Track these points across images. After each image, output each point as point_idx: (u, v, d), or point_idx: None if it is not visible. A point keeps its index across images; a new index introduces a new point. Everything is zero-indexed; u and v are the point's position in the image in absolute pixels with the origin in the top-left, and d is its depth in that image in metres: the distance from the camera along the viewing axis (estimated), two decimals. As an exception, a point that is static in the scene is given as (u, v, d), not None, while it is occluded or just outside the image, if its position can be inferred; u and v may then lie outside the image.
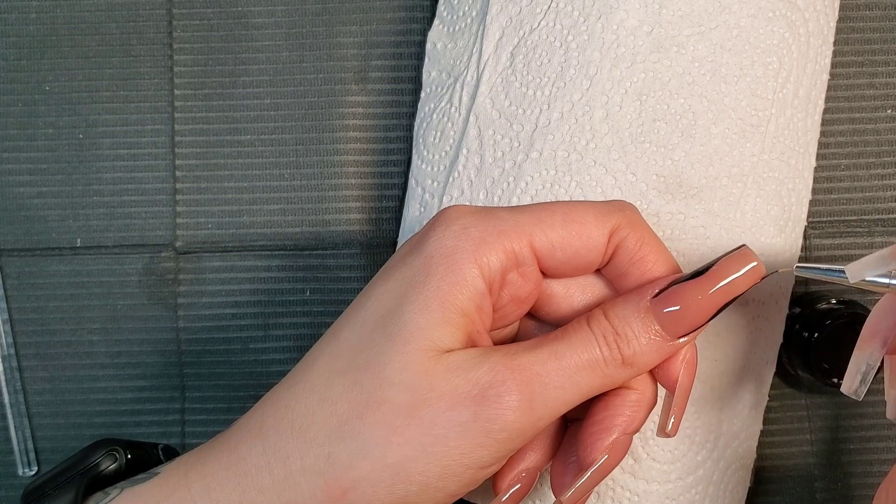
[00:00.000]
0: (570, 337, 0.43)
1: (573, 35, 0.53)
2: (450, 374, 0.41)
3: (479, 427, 0.41)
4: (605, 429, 0.45)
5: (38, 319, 0.65)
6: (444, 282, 0.42)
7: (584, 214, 0.44)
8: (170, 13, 0.66)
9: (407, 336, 0.41)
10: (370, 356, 0.42)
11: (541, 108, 0.53)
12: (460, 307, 0.42)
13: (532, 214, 0.44)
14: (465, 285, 0.42)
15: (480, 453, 0.41)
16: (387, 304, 0.43)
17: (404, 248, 0.45)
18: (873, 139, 0.63)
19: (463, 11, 0.58)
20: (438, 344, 0.41)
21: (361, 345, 0.42)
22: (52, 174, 0.65)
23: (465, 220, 0.43)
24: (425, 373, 0.41)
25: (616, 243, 0.44)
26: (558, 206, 0.44)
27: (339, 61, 0.65)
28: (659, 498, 0.53)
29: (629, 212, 0.45)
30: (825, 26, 0.56)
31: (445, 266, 0.42)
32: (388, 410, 0.41)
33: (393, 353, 0.41)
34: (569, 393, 0.42)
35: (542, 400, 0.41)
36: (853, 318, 0.58)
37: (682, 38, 0.52)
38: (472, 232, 0.42)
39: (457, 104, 0.56)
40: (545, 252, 0.43)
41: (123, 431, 0.65)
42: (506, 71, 0.54)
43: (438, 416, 0.41)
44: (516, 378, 0.41)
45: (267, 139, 0.65)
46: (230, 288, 0.65)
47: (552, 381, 0.42)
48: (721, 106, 0.52)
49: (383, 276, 0.44)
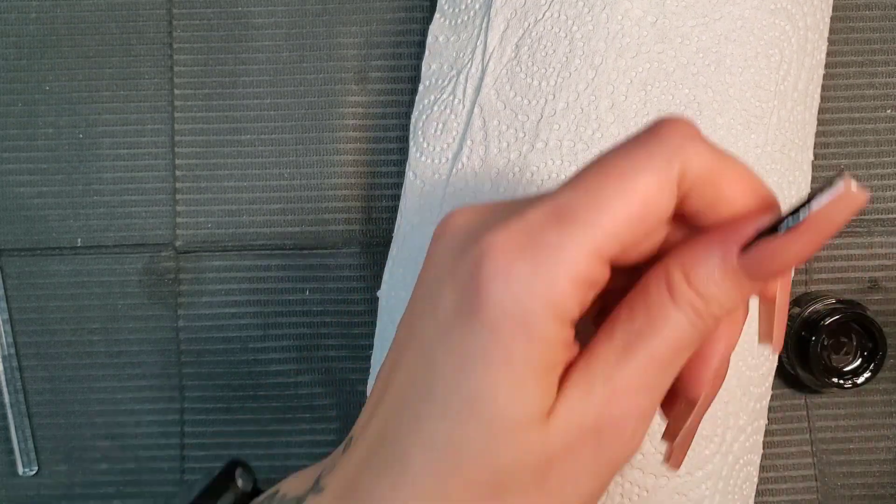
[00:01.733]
0: (657, 325, 0.38)
1: (578, 25, 0.53)
2: (564, 437, 0.37)
3: (603, 464, 0.38)
4: (702, 361, 0.41)
5: (39, 319, 0.65)
6: (530, 354, 0.36)
7: (646, 184, 0.36)
8: (170, 13, 0.66)
9: (511, 424, 0.37)
10: (478, 452, 0.37)
11: (546, 99, 0.53)
12: (553, 365, 0.37)
13: (586, 223, 0.36)
14: (551, 345, 0.36)
15: (611, 475, 0.39)
16: (469, 387, 0.37)
17: (450, 305, 0.37)
18: (873, 139, 0.64)
19: (466, 4, 0.58)
20: (544, 411, 0.37)
21: (460, 438, 0.37)
22: (53, 174, 0.65)
23: (519, 269, 0.36)
24: (541, 448, 0.37)
25: (685, 192, 0.37)
26: (612, 188, 0.36)
27: (339, 61, 0.65)
28: (669, 493, 0.53)
29: (691, 144, 0.37)
30: (821, 21, 0.57)
31: (524, 336, 0.36)
32: (515, 493, 0.38)
33: (502, 443, 0.37)
34: (670, 378, 0.39)
35: (650, 406, 0.39)
36: (852, 318, 0.58)
37: (686, 29, 0.52)
38: (537, 287, 0.36)
39: (460, 96, 0.56)
40: (614, 254, 0.37)
41: (123, 431, 0.65)
42: (511, 62, 0.54)
43: (565, 475, 0.38)
44: (623, 408, 0.38)
45: (267, 139, 0.65)
46: (230, 287, 0.65)
47: (656, 384, 0.38)
48: (725, 97, 0.52)
49: (444, 351, 0.37)
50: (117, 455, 0.65)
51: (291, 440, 0.65)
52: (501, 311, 0.36)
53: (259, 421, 0.65)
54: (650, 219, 0.36)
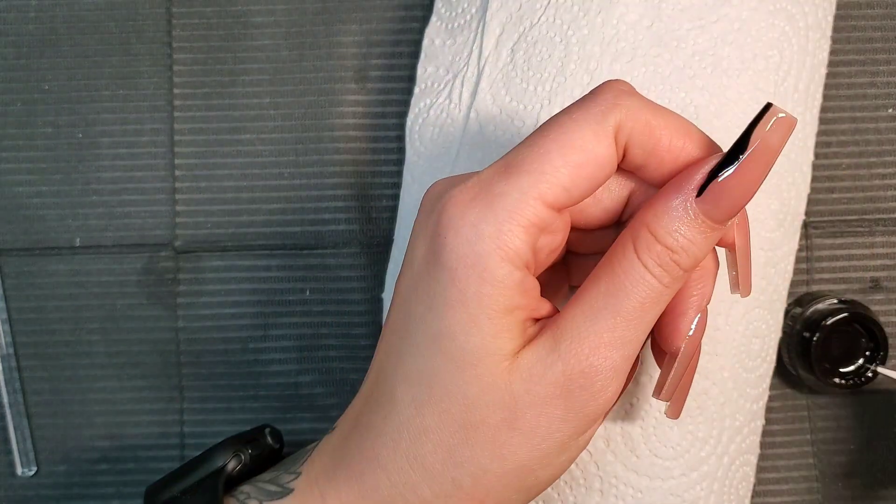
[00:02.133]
0: (623, 282, 0.41)
1: (573, 30, 0.52)
2: (529, 385, 0.41)
3: (576, 416, 0.41)
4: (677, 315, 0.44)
5: (37, 319, 0.65)
6: (483, 293, 0.40)
7: (581, 134, 0.40)
8: (169, 12, 0.66)
9: (472, 359, 0.41)
10: (446, 384, 0.41)
11: (542, 104, 0.53)
12: (508, 307, 0.41)
13: (530, 170, 0.40)
14: (504, 286, 0.40)
15: (587, 425, 0.42)
16: (435, 326, 0.41)
17: (421, 253, 0.42)
18: (874, 138, 0.63)
19: (462, 8, 0.58)
20: (504, 354, 0.41)
21: (431, 371, 0.42)
22: (51, 173, 0.65)
23: (470, 214, 0.40)
24: (506, 389, 0.41)
25: (624, 143, 0.41)
26: (552, 140, 0.41)
27: (339, 60, 0.65)
28: (663, 494, 0.53)
29: (625, 99, 0.41)
30: (823, 20, 0.56)
31: (476, 277, 0.40)
32: (487, 430, 0.41)
33: (467, 377, 0.41)
34: (644, 334, 0.42)
35: (623, 363, 0.41)
36: (853, 317, 0.58)
37: (682, 32, 0.52)
38: (486, 229, 0.40)
39: (456, 100, 0.56)
40: (561, 200, 0.40)
41: (122, 431, 0.65)
42: (506, 67, 0.54)
43: (535, 420, 0.41)
44: (592, 362, 0.41)
45: (266, 138, 0.65)
46: (229, 287, 0.65)
47: (626, 340, 0.41)
48: (723, 99, 0.52)
49: (412, 290, 0.43)
50: (117, 455, 0.65)
51: (292, 440, 0.65)
52: (456, 256, 0.40)
53: (259, 421, 0.65)
54: (590, 166, 0.40)
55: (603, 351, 0.40)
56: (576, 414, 0.41)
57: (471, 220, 0.40)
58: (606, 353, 0.41)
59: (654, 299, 0.41)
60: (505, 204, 0.40)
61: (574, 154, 0.40)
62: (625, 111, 0.41)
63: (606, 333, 0.41)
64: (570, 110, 0.42)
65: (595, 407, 0.41)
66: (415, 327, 0.42)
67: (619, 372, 0.41)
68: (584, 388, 0.41)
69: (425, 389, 0.42)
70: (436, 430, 0.42)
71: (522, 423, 0.41)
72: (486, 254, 0.40)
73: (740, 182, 0.39)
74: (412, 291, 0.43)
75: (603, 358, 0.40)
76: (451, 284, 0.41)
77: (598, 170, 0.41)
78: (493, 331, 0.40)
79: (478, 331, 0.40)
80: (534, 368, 0.41)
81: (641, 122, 0.41)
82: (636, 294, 0.41)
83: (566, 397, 0.41)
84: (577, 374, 0.40)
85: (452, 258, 0.40)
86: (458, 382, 0.41)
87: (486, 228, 0.40)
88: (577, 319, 0.41)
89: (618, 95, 0.41)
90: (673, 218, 0.40)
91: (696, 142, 0.41)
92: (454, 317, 0.41)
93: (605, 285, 0.41)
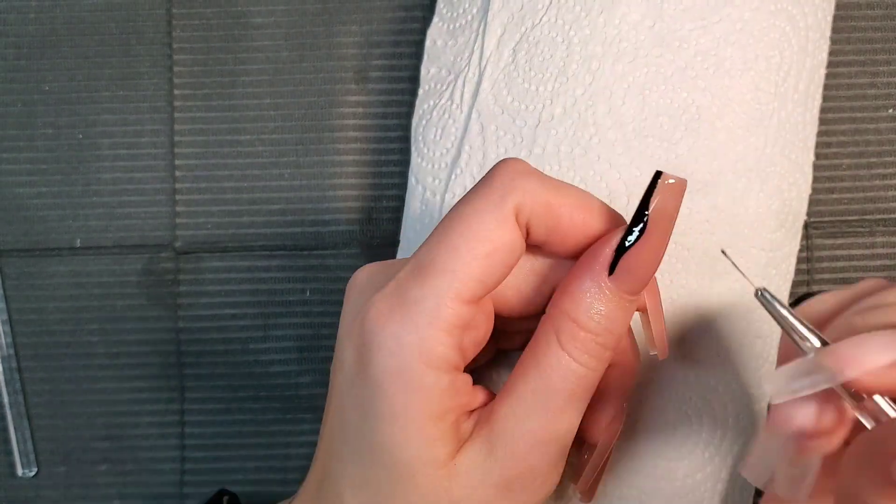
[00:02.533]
0: (549, 376, 0.41)
1: (575, 30, 0.52)
2: (469, 490, 0.41)
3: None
4: (599, 409, 0.46)
5: (38, 320, 0.65)
6: (410, 404, 0.40)
7: (484, 224, 0.40)
8: (169, 13, 0.66)
9: (409, 470, 0.41)
10: (389, 493, 0.41)
11: (543, 104, 0.53)
12: (439, 412, 0.41)
13: (442, 270, 0.40)
14: (432, 393, 0.40)
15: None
16: (369, 437, 0.41)
17: (349, 364, 0.42)
18: (875, 139, 0.63)
19: (463, 8, 0.58)
20: (439, 460, 0.41)
21: (374, 481, 0.42)
22: (52, 174, 0.65)
23: (391, 327, 0.40)
24: (446, 495, 0.41)
25: (525, 223, 0.41)
26: (458, 235, 0.41)
27: (339, 61, 0.65)
28: (667, 496, 0.53)
29: (521, 180, 0.41)
30: (822, 21, 0.56)
31: (402, 387, 0.40)
32: None
33: (407, 487, 0.41)
34: (577, 421, 0.42)
35: (558, 453, 0.42)
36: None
37: (684, 32, 0.52)
38: (407, 338, 0.40)
39: (458, 101, 0.56)
40: (477, 293, 0.41)
41: (123, 432, 0.65)
42: (508, 67, 0.54)
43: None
44: (530, 462, 0.41)
45: (266, 139, 0.65)
46: (230, 288, 0.65)
47: (561, 432, 0.41)
48: (725, 100, 0.52)
49: (345, 398, 0.43)
50: (117, 456, 0.65)
51: (292, 441, 0.65)
52: (381, 369, 0.40)
53: (259, 422, 0.65)
54: (498, 253, 0.40)
55: (540, 449, 0.41)
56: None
57: (392, 332, 0.40)
58: (543, 450, 0.41)
59: (583, 387, 0.41)
60: (423, 310, 0.40)
61: (481, 246, 0.40)
62: (521, 193, 0.41)
63: (541, 432, 0.41)
64: (470, 199, 0.42)
65: (538, 499, 0.42)
66: (352, 435, 0.42)
67: (557, 466, 0.42)
68: (524, 487, 0.41)
69: (371, 498, 0.42)
70: None
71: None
72: (410, 364, 0.40)
73: (647, 251, 0.40)
74: (346, 396, 0.43)
75: (540, 455, 0.41)
76: (380, 398, 0.40)
77: (507, 255, 0.41)
78: (426, 440, 0.40)
79: (410, 442, 0.40)
80: (472, 473, 0.41)
81: (541, 203, 0.41)
82: (565, 387, 0.41)
83: (507, 498, 0.41)
84: (515, 476, 0.41)
85: (378, 371, 0.40)
86: (399, 492, 0.41)
87: (406, 338, 0.40)
88: (510, 421, 0.41)
89: (514, 178, 0.41)
90: (591, 301, 0.40)
91: (596, 215, 0.42)
92: (386, 430, 0.41)
93: (534, 382, 0.41)
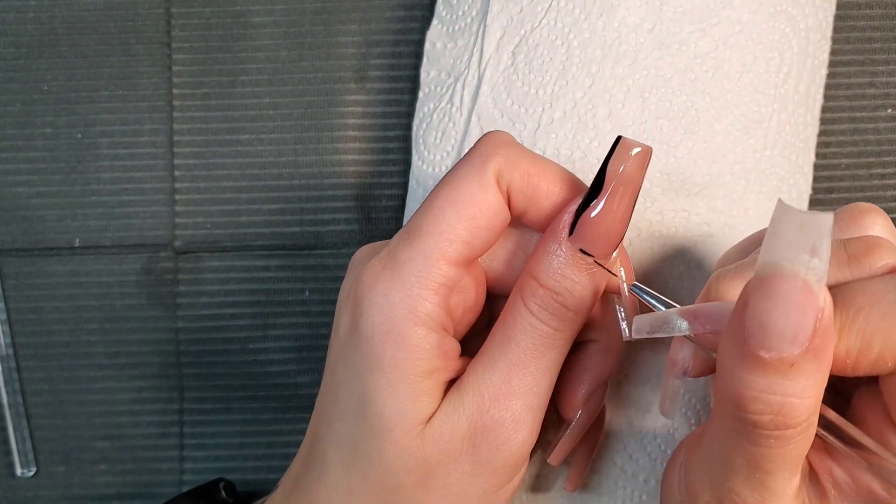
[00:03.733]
0: (514, 332, 0.43)
1: (575, 33, 0.52)
2: (439, 445, 0.42)
3: (484, 470, 0.43)
4: (575, 385, 0.47)
5: (37, 320, 0.65)
6: (398, 359, 0.42)
7: (469, 188, 0.43)
8: (168, 12, 0.66)
9: (388, 424, 0.42)
10: (367, 449, 0.43)
11: (543, 107, 0.53)
12: (424, 371, 0.42)
13: (429, 232, 0.43)
14: (418, 350, 0.42)
15: (499, 479, 0.43)
16: (357, 390, 0.43)
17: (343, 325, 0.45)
18: (874, 139, 0.63)
19: (463, 11, 0.58)
20: (418, 418, 0.42)
21: (354, 436, 0.44)
22: (51, 174, 0.65)
23: (381, 284, 0.43)
24: (418, 452, 0.42)
25: (506, 189, 0.43)
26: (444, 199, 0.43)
27: (338, 60, 0.65)
28: None
29: (503, 149, 0.44)
30: (823, 21, 0.56)
31: (391, 343, 0.42)
32: (404, 492, 0.43)
33: (383, 442, 0.42)
34: (545, 381, 0.43)
35: (525, 411, 0.42)
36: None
37: (683, 35, 0.52)
38: (395, 296, 0.42)
39: (458, 104, 0.56)
40: (464, 254, 0.43)
41: (122, 432, 0.65)
42: (507, 70, 0.54)
43: (446, 479, 0.43)
44: (493, 415, 0.42)
45: (266, 138, 0.65)
46: (229, 288, 0.65)
47: (524, 388, 0.42)
48: (724, 102, 0.52)
49: (339, 359, 0.45)
50: (116, 456, 0.65)
51: (291, 440, 0.65)
52: (371, 324, 0.42)
53: (259, 421, 0.65)
54: (483, 216, 0.43)
55: (503, 402, 0.42)
56: (484, 468, 0.43)
57: (381, 290, 0.42)
58: (506, 405, 0.42)
59: (545, 344, 0.42)
60: (411, 270, 0.42)
61: (466, 208, 0.42)
62: (502, 160, 0.43)
63: (503, 385, 0.42)
64: (456, 168, 0.44)
65: (502, 459, 0.43)
66: (341, 393, 0.44)
67: (521, 423, 0.42)
68: (488, 441, 0.42)
69: (350, 453, 0.44)
70: (360, 492, 0.43)
71: (435, 482, 0.43)
72: (399, 320, 0.42)
73: (605, 214, 0.41)
74: (339, 358, 0.45)
75: (503, 409, 0.42)
76: (369, 352, 0.42)
77: (491, 218, 0.43)
78: (411, 395, 0.42)
79: (396, 395, 0.42)
80: (443, 428, 0.42)
81: (520, 170, 0.43)
82: (526, 341, 0.42)
83: (473, 452, 0.42)
84: (479, 429, 0.42)
85: (368, 327, 0.42)
86: (376, 447, 0.43)
87: (396, 296, 0.42)
88: (477, 373, 0.43)
89: (496, 146, 0.44)
90: (551, 260, 0.42)
91: (570, 187, 0.43)
92: (374, 382, 0.42)
93: (500, 337, 0.43)
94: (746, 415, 0.34)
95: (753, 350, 0.32)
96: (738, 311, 0.33)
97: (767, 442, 0.34)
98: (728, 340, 0.34)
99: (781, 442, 0.34)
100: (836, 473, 0.39)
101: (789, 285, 0.32)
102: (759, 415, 0.33)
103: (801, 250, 0.31)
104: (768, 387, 0.33)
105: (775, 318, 0.32)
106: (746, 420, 0.34)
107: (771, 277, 0.32)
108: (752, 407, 0.33)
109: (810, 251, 0.31)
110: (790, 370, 0.32)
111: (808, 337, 0.32)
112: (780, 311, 0.32)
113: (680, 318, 0.39)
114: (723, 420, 0.36)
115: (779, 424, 0.33)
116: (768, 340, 0.32)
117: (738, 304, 0.33)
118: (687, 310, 0.39)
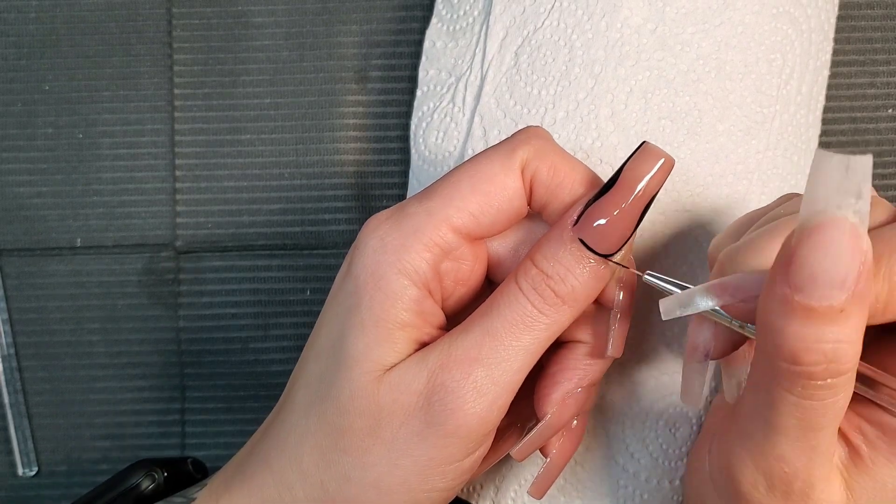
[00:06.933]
0: (498, 303, 0.43)
1: (577, 34, 0.52)
2: (395, 394, 0.42)
3: (434, 432, 0.42)
4: (554, 383, 0.46)
5: (38, 319, 0.65)
6: (375, 301, 0.42)
7: (491, 167, 0.44)
8: (169, 12, 0.66)
9: (351, 362, 0.42)
10: (328, 386, 0.43)
11: (546, 108, 0.53)
12: (397, 321, 0.42)
13: (441, 195, 0.44)
14: (396, 298, 0.42)
15: (449, 451, 0.42)
16: (335, 330, 0.44)
17: (342, 269, 0.45)
18: (874, 139, 0.63)
19: (464, 11, 0.58)
20: (381, 363, 0.42)
21: (321, 374, 0.44)
22: (52, 174, 0.65)
23: (381, 230, 0.44)
24: (372, 396, 0.42)
25: (529, 179, 0.44)
26: (463, 172, 0.44)
27: (339, 60, 0.65)
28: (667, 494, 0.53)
29: (535, 140, 0.44)
30: (825, 22, 0.56)
31: (373, 285, 0.43)
32: (353, 436, 0.42)
33: (343, 380, 0.42)
34: (517, 361, 0.42)
35: (488, 383, 0.42)
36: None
37: (686, 36, 0.52)
38: (390, 241, 0.43)
39: (460, 104, 0.56)
40: (468, 226, 0.43)
41: (123, 432, 0.65)
42: (510, 71, 0.54)
43: (395, 432, 0.42)
44: (454, 376, 0.42)
45: (267, 138, 0.65)
46: (230, 288, 0.65)
47: (493, 359, 0.42)
48: (726, 103, 0.52)
49: (330, 302, 0.45)
50: (117, 456, 0.65)
51: (292, 440, 0.65)
52: (362, 265, 0.43)
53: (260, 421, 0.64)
54: (498, 196, 0.43)
55: (466, 366, 0.42)
56: (434, 430, 0.42)
57: (380, 234, 0.43)
58: (469, 369, 0.42)
59: (525, 322, 0.42)
60: (412, 222, 0.43)
61: (482, 183, 0.43)
62: (533, 150, 0.44)
63: (473, 349, 0.42)
64: (486, 150, 0.45)
65: (454, 426, 0.42)
66: (322, 332, 0.45)
67: (481, 393, 0.42)
68: (443, 402, 0.42)
69: (313, 392, 0.44)
70: (315, 432, 0.43)
71: (384, 432, 0.42)
72: (386, 264, 0.43)
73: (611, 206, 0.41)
74: (330, 302, 0.46)
75: (465, 373, 0.42)
76: (353, 292, 0.43)
77: (506, 201, 0.44)
78: (377, 338, 0.42)
79: (363, 335, 0.42)
80: (402, 377, 0.42)
81: (548, 163, 0.44)
82: (506, 314, 0.42)
83: (426, 409, 0.42)
84: (437, 386, 0.42)
85: (358, 267, 0.43)
86: (335, 385, 0.43)
87: (390, 242, 0.43)
88: (452, 335, 0.43)
89: (529, 137, 0.45)
90: (551, 245, 0.42)
91: (591, 183, 0.44)
92: (350, 321, 0.43)
93: (483, 307, 0.43)
94: (801, 367, 0.34)
95: (805, 302, 0.33)
96: (782, 268, 0.34)
97: (820, 394, 0.35)
98: (771, 300, 0.34)
99: (833, 392, 0.35)
100: (865, 429, 0.40)
101: (839, 231, 0.32)
102: (814, 365, 0.34)
103: (848, 194, 0.32)
104: (822, 335, 0.33)
105: (826, 266, 0.32)
106: (801, 374, 0.34)
107: (821, 225, 0.32)
108: (806, 358, 0.34)
109: (856, 194, 0.32)
110: (839, 316, 0.33)
111: (855, 280, 0.32)
112: (831, 259, 0.32)
113: (707, 293, 0.39)
114: (767, 385, 0.36)
115: (832, 372, 0.34)
116: (819, 289, 0.33)
117: (780, 262, 0.34)
118: (712, 285, 0.39)
